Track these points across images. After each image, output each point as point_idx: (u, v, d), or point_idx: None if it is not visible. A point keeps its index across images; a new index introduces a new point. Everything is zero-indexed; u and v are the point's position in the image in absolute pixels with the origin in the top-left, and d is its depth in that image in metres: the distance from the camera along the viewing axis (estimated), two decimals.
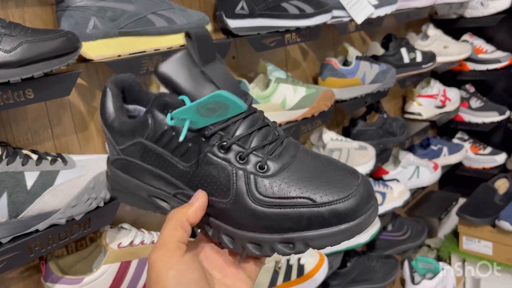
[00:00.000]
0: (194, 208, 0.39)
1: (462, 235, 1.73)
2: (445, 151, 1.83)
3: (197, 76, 0.39)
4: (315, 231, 0.37)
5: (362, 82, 1.28)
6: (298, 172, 0.39)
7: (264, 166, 0.39)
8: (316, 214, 0.37)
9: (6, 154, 0.63)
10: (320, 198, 0.37)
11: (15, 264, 0.63)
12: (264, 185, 0.39)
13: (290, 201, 0.38)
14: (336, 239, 0.37)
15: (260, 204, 0.38)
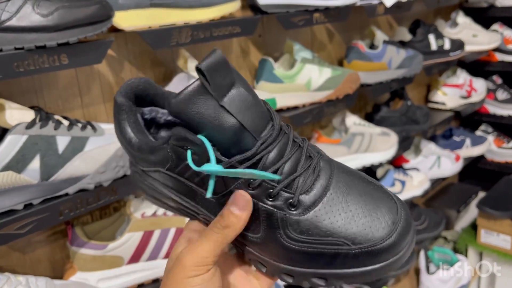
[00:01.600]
0: (243, 217, 0.36)
1: (481, 228, 1.71)
2: (468, 142, 1.80)
3: (215, 111, 0.35)
4: (349, 270, 0.36)
5: (388, 67, 1.26)
6: (333, 205, 0.37)
7: (295, 203, 0.36)
8: (352, 255, 0.36)
9: (39, 118, 0.64)
10: (355, 242, 0.36)
11: (44, 225, 0.65)
12: (297, 223, 0.36)
13: (324, 240, 0.36)
14: (371, 277, 0.36)
15: (292, 242, 0.36)
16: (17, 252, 0.77)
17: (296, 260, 0.37)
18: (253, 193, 0.36)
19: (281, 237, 0.36)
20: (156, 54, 0.89)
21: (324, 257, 0.36)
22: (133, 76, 0.86)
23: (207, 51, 0.99)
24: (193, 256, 0.36)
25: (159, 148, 0.38)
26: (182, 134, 0.36)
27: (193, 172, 0.36)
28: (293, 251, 0.36)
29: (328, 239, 0.36)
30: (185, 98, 0.35)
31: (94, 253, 0.76)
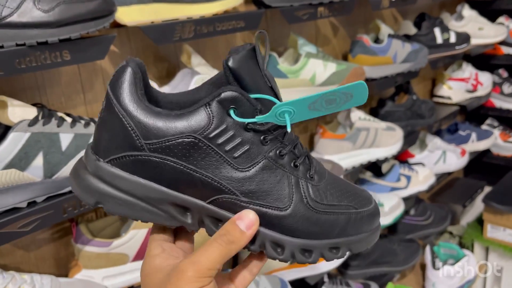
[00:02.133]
0: (249, 236, 0.37)
1: (487, 223, 1.70)
2: (474, 137, 1.79)
3: (260, 78, 0.38)
4: (356, 236, 0.41)
5: (393, 61, 1.25)
6: (334, 183, 0.42)
7: (313, 175, 0.41)
8: (358, 220, 0.41)
9: (42, 115, 0.63)
10: (359, 207, 0.42)
11: (48, 223, 0.64)
12: (316, 192, 0.40)
13: (339, 207, 0.41)
14: (367, 243, 0.42)
15: (315, 210, 0.40)
16: (21, 250, 0.76)
17: (315, 232, 0.39)
18: (282, 163, 0.39)
19: (306, 205, 0.39)
20: (159, 50, 0.89)
21: (339, 225, 0.40)
22: None
23: (211, 46, 0.98)
24: (197, 267, 0.35)
25: (195, 112, 0.36)
26: (232, 92, 0.37)
27: (227, 138, 0.37)
28: (314, 221, 0.39)
29: (343, 206, 0.41)
30: (246, 57, 0.37)
31: (99, 251, 0.76)
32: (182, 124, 0.36)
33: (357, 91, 0.37)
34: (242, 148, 0.37)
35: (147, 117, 0.36)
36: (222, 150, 0.37)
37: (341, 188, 0.42)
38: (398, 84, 1.33)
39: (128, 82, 0.36)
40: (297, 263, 0.39)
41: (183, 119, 0.36)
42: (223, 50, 1.00)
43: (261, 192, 0.38)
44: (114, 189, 0.37)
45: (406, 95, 1.45)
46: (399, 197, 1.37)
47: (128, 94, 0.36)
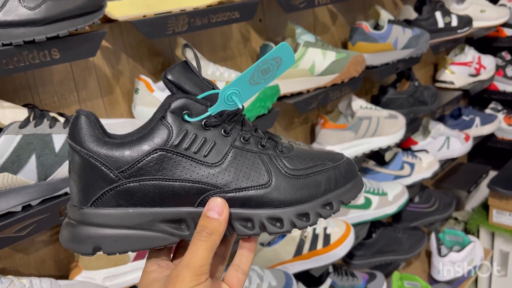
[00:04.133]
0: (224, 220, 0.38)
1: (492, 208, 1.68)
2: (477, 121, 1.76)
3: (200, 82, 0.41)
4: (342, 188, 0.43)
5: (394, 48, 1.22)
6: (303, 152, 0.44)
7: (282, 149, 0.43)
8: (338, 173, 0.43)
9: (33, 116, 0.62)
10: (334, 162, 0.44)
11: (45, 226, 0.63)
12: (290, 161, 0.42)
13: (317, 167, 0.43)
14: (356, 191, 0.44)
15: (296, 176, 0.41)
16: (20, 253, 0.75)
17: (305, 195, 0.41)
18: (250, 147, 0.41)
19: (286, 174, 0.41)
20: (153, 44, 0.86)
21: (324, 182, 0.42)
22: (130, 68, 0.84)
23: (207, 39, 0.96)
24: (190, 267, 0.37)
25: (154, 128, 0.38)
26: (180, 99, 0.39)
27: (190, 141, 0.39)
28: (300, 186, 0.41)
29: (320, 165, 0.43)
30: (180, 68, 0.40)
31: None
32: (146, 143, 0.38)
33: (284, 53, 0.39)
34: (208, 146, 0.39)
35: (112, 150, 0.38)
36: (190, 153, 0.39)
37: (311, 153, 0.44)
38: (399, 70, 1.30)
39: (85, 125, 0.38)
40: (299, 229, 0.41)
41: (145, 138, 0.38)
42: (220, 42, 0.98)
43: (241, 177, 0.40)
44: (106, 229, 0.38)
45: (407, 81, 1.42)
46: (403, 186, 1.35)
47: (88, 136, 0.38)
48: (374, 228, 1.44)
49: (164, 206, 0.39)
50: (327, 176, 0.42)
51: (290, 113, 1.18)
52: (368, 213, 1.27)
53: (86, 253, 0.38)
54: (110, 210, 0.38)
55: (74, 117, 0.39)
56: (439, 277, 1.54)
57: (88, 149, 0.38)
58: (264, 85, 0.40)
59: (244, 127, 0.42)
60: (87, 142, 0.38)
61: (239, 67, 1.02)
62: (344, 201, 0.42)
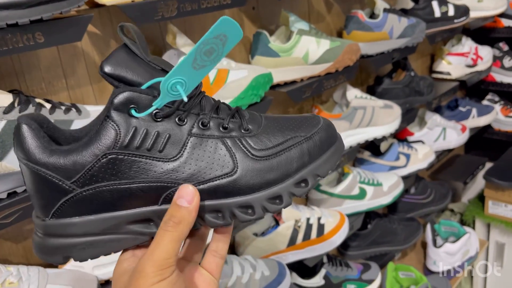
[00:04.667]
0: (193, 209, 0.35)
1: (488, 199, 1.68)
2: (474, 112, 1.75)
3: (146, 66, 0.37)
4: (317, 161, 0.40)
5: (390, 37, 1.21)
6: (273, 123, 0.41)
7: (247, 127, 0.39)
8: (312, 144, 0.40)
9: (18, 101, 0.60)
10: (307, 132, 0.40)
11: (31, 213, 0.61)
12: (257, 141, 0.39)
13: (287, 143, 0.39)
14: (334, 160, 0.41)
15: (264, 158, 0.38)
16: (8, 241, 0.74)
17: (275, 177, 0.38)
18: (210, 133, 0.38)
19: (252, 157, 0.38)
20: (144, 30, 0.85)
21: (295, 159, 0.39)
22: None
23: (198, 26, 0.94)
24: (153, 260, 0.34)
25: (99, 131, 0.35)
26: (122, 93, 0.35)
27: (142, 138, 0.36)
28: (269, 168, 0.38)
29: (291, 141, 0.39)
30: (115, 57, 0.36)
31: None
32: (95, 148, 0.35)
33: (227, 28, 0.34)
34: (163, 139, 0.36)
35: (60, 159, 0.35)
36: (144, 151, 0.36)
37: (282, 124, 0.41)
38: (395, 60, 1.29)
39: (28, 135, 0.35)
40: (273, 213, 0.39)
41: (92, 142, 0.35)
42: None
43: (203, 168, 0.37)
44: (71, 238, 0.37)
45: (403, 71, 1.41)
46: (398, 176, 1.34)
47: (33, 148, 0.35)
48: (369, 219, 1.43)
49: (126, 209, 0.37)
50: (300, 150, 0.39)
51: (284, 103, 1.17)
52: (362, 203, 1.27)
53: (58, 262, 0.37)
54: (72, 219, 0.36)
55: (16, 128, 0.36)
56: (434, 268, 1.54)
57: (35, 161, 0.35)
58: (211, 67, 0.36)
59: (203, 110, 0.38)
60: (32, 154, 0.35)
61: (231, 55, 1.00)
62: (320, 174, 0.40)
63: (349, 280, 1.28)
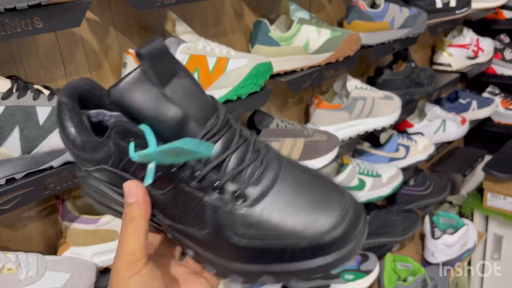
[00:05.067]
0: (141, 201, 0.35)
1: (487, 191, 1.68)
2: (474, 105, 1.75)
3: (157, 99, 0.34)
4: (299, 263, 0.34)
5: (391, 27, 1.20)
6: (281, 195, 0.35)
7: (243, 194, 0.35)
8: (301, 247, 0.34)
9: (16, 87, 0.60)
10: (304, 231, 0.34)
11: (30, 200, 0.62)
12: (244, 216, 0.35)
13: (272, 233, 0.34)
14: (322, 270, 0.34)
15: (241, 236, 0.34)
16: (7, 228, 0.74)
17: (245, 257, 0.35)
18: (199, 187, 0.35)
19: (229, 232, 0.34)
20: (143, 18, 0.84)
21: (273, 252, 0.34)
22: (119, 42, 0.82)
23: (198, 14, 0.93)
24: (121, 258, 0.35)
25: (102, 144, 0.36)
26: (122, 125, 0.34)
27: (138, 166, 0.35)
28: (241, 249, 0.35)
29: (277, 232, 0.34)
30: (125, 86, 0.33)
31: (87, 228, 0.74)
32: (97, 158, 0.37)
33: (188, 148, 0.31)
34: (156, 175, 0.34)
35: (80, 148, 0.37)
36: (138, 178, 0.35)
37: (299, 197, 0.35)
38: (396, 51, 1.28)
39: (63, 119, 0.38)
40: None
41: (96, 153, 0.36)
42: (212, 18, 0.96)
43: (181, 215, 0.36)
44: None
45: (404, 62, 1.40)
46: (397, 168, 1.34)
47: (66, 129, 0.37)
48: (368, 210, 1.43)
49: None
50: (282, 247, 0.34)
51: (284, 93, 1.17)
52: (361, 194, 1.27)
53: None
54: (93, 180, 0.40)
55: (58, 105, 0.38)
56: (432, 259, 1.54)
57: (64, 143, 0.39)
58: (183, 160, 0.34)
59: (201, 162, 0.35)
60: (66, 135, 0.38)
61: (231, 43, 1.00)
62: (297, 277, 0.34)
63: (348, 271, 1.28)
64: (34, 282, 0.64)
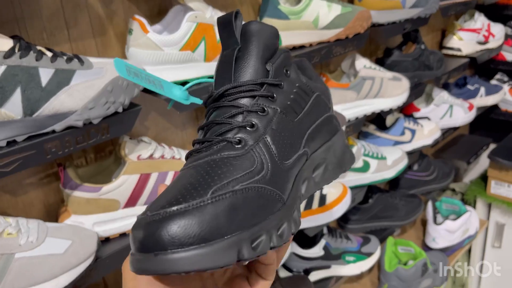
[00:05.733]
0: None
1: (491, 179, 1.67)
2: (482, 91, 1.72)
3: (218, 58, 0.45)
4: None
5: (402, 6, 1.17)
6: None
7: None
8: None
9: (18, 47, 0.58)
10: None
11: (30, 163, 0.60)
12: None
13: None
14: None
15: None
16: (8, 194, 0.73)
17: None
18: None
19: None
20: None
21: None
22: (124, 8, 0.79)
23: None
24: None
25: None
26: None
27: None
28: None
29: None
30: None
31: (88, 196, 0.72)
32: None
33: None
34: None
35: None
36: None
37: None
38: (406, 31, 1.25)
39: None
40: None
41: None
42: None
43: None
44: None
45: (414, 44, 1.38)
46: (402, 151, 1.33)
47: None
48: (371, 193, 1.42)
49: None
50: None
51: None
52: (366, 176, 1.26)
53: None
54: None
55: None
56: (433, 245, 1.54)
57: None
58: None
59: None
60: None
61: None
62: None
63: (349, 252, 1.28)
64: (35, 247, 0.63)
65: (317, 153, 0.45)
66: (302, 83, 0.45)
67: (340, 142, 0.49)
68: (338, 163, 0.48)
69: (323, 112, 0.47)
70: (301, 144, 0.42)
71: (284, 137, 0.40)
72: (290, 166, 0.39)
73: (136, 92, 0.69)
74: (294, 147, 0.41)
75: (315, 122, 0.45)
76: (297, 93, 0.44)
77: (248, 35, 0.42)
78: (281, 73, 0.43)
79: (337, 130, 0.49)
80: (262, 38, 0.42)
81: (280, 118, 0.41)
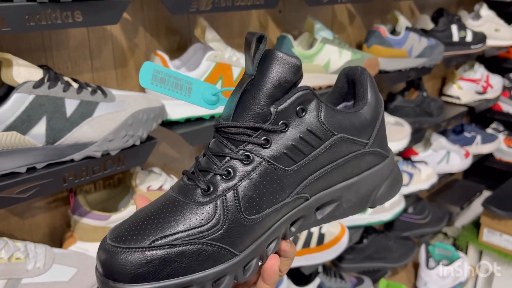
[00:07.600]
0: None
1: (484, 227, 1.69)
2: (478, 139, 1.77)
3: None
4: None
5: (409, 55, 1.22)
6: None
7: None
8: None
9: (48, 78, 0.60)
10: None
11: (47, 190, 0.62)
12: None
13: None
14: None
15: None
16: (16, 216, 0.74)
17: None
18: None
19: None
20: (171, 21, 0.85)
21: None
22: (146, 43, 0.82)
23: (225, 22, 0.94)
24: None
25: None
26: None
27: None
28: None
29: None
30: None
31: (96, 224, 0.73)
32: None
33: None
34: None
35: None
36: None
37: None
38: (410, 79, 1.30)
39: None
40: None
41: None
42: (237, 28, 0.97)
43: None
44: None
45: (416, 91, 1.42)
46: (400, 194, 1.35)
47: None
48: (366, 233, 1.44)
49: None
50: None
51: None
52: (363, 217, 1.27)
53: None
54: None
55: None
56: None
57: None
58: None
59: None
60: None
61: None
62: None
63: None
64: (41, 273, 0.63)
65: (328, 192, 0.42)
66: (318, 124, 0.40)
67: (371, 180, 0.45)
68: (359, 203, 0.45)
69: (347, 151, 0.42)
70: (292, 192, 0.39)
71: (264, 188, 0.38)
72: (259, 219, 0.38)
73: (154, 126, 0.71)
74: (276, 198, 0.38)
75: (327, 165, 0.41)
76: (302, 138, 0.39)
77: (264, 66, 0.39)
78: (291, 114, 0.39)
79: (370, 166, 0.44)
80: (278, 72, 0.38)
81: (265, 169, 0.38)
